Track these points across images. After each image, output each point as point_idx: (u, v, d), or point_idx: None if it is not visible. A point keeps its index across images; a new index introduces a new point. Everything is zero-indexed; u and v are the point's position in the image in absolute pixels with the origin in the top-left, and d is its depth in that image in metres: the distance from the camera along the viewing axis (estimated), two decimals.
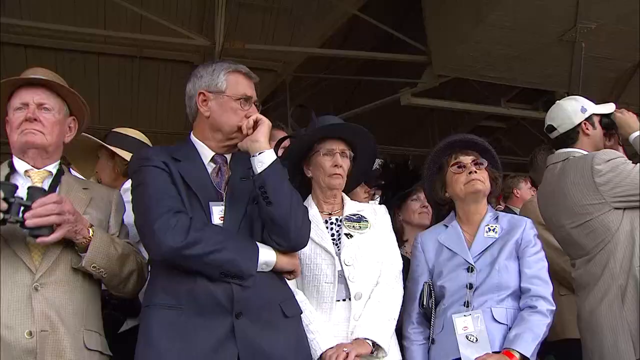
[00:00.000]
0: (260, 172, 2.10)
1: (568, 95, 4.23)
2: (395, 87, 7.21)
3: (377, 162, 3.19)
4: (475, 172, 2.65)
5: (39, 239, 1.98)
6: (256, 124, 2.17)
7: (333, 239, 2.53)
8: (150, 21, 6.36)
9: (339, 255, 2.48)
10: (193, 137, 2.29)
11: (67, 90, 2.28)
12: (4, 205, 1.93)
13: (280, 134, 3.04)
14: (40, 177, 2.19)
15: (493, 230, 2.61)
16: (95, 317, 2.20)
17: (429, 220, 3.17)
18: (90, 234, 2.10)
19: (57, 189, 2.20)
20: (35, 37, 6.78)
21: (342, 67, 7.95)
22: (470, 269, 2.54)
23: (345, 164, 2.62)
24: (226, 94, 2.22)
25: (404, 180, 3.35)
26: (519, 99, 7.72)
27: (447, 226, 2.73)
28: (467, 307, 2.47)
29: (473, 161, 2.68)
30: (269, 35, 6.89)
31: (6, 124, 2.25)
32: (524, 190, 4.65)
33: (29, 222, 1.94)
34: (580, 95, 3.17)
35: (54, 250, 2.08)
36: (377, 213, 2.67)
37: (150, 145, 3.23)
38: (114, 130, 3.26)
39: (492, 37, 5.89)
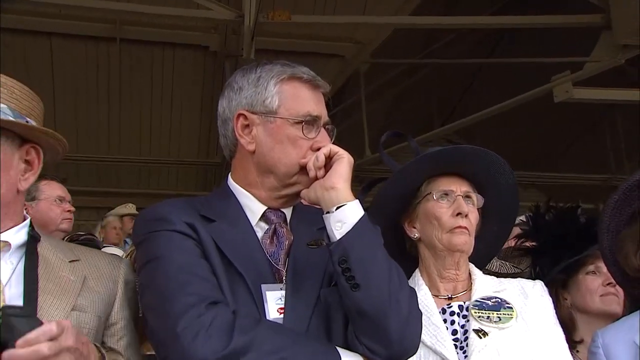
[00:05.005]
0: (340, 238, 2.17)
1: None
2: (543, 74, 7.06)
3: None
4: None
5: None
6: (330, 160, 2.26)
7: (456, 340, 2.60)
8: None
9: None
10: (232, 183, 2.42)
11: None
12: None
13: None
14: None
15: None
16: None
17: (621, 308, 3.19)
18: None
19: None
20: None
21: (447, 47, 7.89)
22: None
23: (473, 214, 2.69)
24: (280, 114, 2.32)
25: (570, 240, 3.37)
26: None
27: None
28: None
29: None
30: (329, 1, 6.89)
31: None
32: None
33: None
34: None
35: None
36: (527, 294, 2.71)
37: None
38: None
39: None
